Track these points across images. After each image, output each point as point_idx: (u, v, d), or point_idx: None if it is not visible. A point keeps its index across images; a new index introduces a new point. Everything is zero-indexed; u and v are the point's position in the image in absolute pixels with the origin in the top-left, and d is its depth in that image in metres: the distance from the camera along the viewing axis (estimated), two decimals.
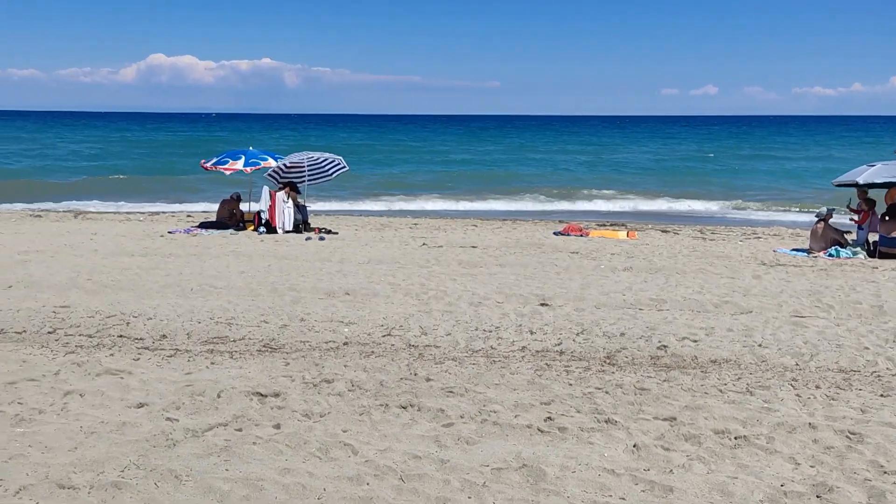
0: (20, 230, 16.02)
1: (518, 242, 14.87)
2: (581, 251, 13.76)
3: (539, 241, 15.18)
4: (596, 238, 15.79)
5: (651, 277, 11.16)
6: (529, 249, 13.94)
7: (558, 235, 16.14)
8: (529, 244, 14.62)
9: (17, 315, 8.36)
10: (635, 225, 19.15)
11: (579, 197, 28.67)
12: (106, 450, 4.68)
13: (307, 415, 5.45)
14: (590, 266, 12.13)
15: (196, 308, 8.81)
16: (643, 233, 17.06)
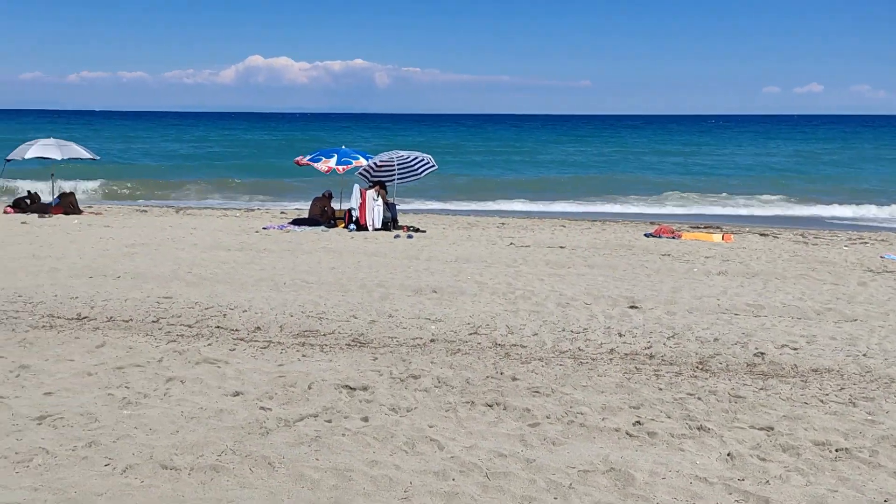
0: (127, 224, 16.90)
1: (607, 243, 14.64)
2: (673, 253, 13.42)
3: (629, 242, 14.90)
4: (689, 240, 15.36)
5: (748, 282, 10.77)
6: (619, 251, 13.70)
7: (649, 237, 15.79)
8: (619, 245, 14.36)
9: (124, 304, 8.81)
10: (731, 227, 18.52)
11: (672, 199, 27.89)
12: (205, 434, 4.88)
13: (394, 409, 5.53)
14: (682, 269, 11.82)
15: (288, 302, 9.07)
16: (740, 236, 16.48)
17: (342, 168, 17.05)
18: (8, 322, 7.82)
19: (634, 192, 29.26)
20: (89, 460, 4.43)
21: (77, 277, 10.34)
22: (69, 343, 7.06)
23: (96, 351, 6.81)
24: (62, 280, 10.13)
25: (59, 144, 19.43)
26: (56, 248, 12.89)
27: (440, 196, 27.11)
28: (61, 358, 6.54)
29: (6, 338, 7.16)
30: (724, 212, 24.76)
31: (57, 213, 18.44)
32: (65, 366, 6.32)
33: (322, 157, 17.19)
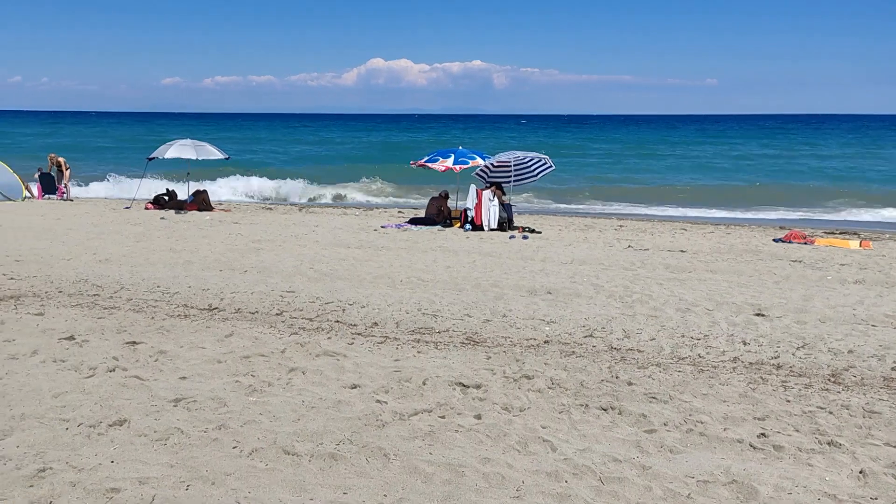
0: (254, 221, 17.74)
1: (732, 248, 14.04)
2: (805, 260, 12.71)
3: (756, 247, 14.23)
4: (822, 247, 14.50)
5: (887, 292, 10.05)
6: (745, 256, 13.12)
7: (778, 242, 15.03)
8: (745, 250, 13.75)
9: (251, 297, 9.25)
10: (870, 234, 17.33)
11: (805, 203, 26.31)
12: (324, 424, 5.05)
13: (507, 408, 5.53)
14: (814, 276, 11.17)
15: (404, 299, 9.24)
16: (879, 243, 15.40)
17: (458, 167, 17.21)
18: (148, 310, 8.38)
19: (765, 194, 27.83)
20: (219, 442, 4.69)
21: (208, 270, 10.94)
22: (201, 332, 7.48)
23: (225, 340, 7.17)
24: (195, 272, 10.75)
25: (195, 145, 20.65)
26: (190, 243, 13.71)
27: (557, 197, 26.86)
28: (194, 345, 6.94)
29: (147, 325, 7.67)
30: (864, 218, 23.16)
31: (191, 210, 19.61)
32: (197, 353, 6.70)
33: (439, 158, 17.42)
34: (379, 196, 27.47)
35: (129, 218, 17.97)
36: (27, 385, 5.62)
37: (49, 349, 6.63)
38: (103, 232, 15.07)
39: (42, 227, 15.65)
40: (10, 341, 6.86)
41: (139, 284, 9.78)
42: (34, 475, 4.10)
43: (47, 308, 8.29)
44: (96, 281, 9.92)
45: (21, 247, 12.64)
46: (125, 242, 13.62)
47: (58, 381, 5.75)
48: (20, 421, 4.89)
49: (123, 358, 6.45)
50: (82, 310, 8.26)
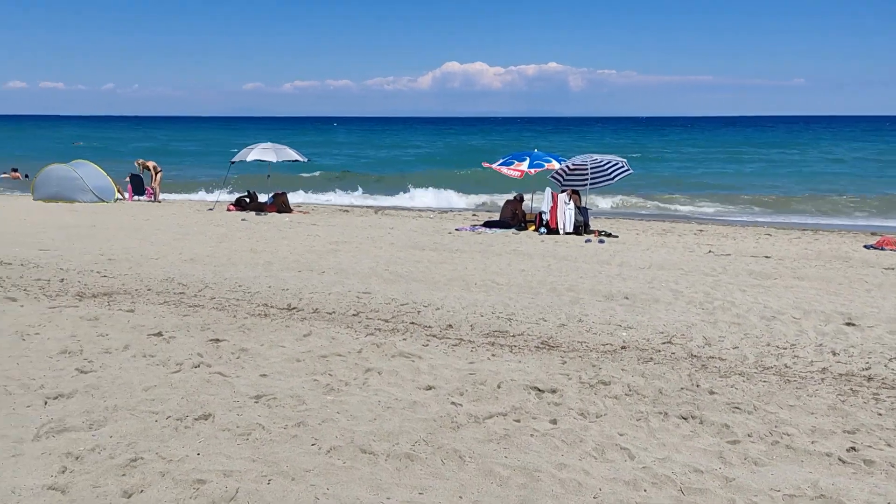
0: (331, 223, 18.07)
1: (820, 255, 13.50)
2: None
3: (846, 253, 13.64)
4: None
5: None
6: (833, 263, 12.59)
7: (870, 249, 14.36)
8: (834, 257, 13.20)
9: (328, 298, 9.42)
10: None
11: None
12: (400, 424, 5.10)
13: (583, 414, 5.46)
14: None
15: (479, 302, 9.24)
16: None
17: (534, 171, 17.12)
18: (230, 308, 8.64)
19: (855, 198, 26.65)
20: (298, 439, 4.79)
21: (287, 271, 11.20)
22: (281, 331, 7.66)
23: (304, 339, 7.33)
24: (275, 273, 11.02)
25: (275, 148, 21.19)
26: (270, 244, 14.07)
27: (634, 200, 26.38)
28: (274, 344, 7.12)
29: (229, 323, 7.91)
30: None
31: (271, 211, 20.13)
32: (277, 351, 6.87)
33: (514, 161, 17.37)
34: (452, 199, 27.56)
35: (213, 219, 18.58)
36: (119, 378, 5.88)
37: (139, 344, 6.92)
38: (188, 233, 15.62)
39: (132, 227, 16.34)
40: (104, 336, 7.18)
41: (222, 284, 10.09)
42: (126, 464, 4.28)
43: (137, 305, 8.64)
44: (182, 280, 10.29)
45: (113, 246, 13.23)
46: (208, 243, 14.08)
47: (147, 375, 5.99)
48: (113, 412, 5.12)
49: (207, 354, 6.66)
50: (169, 307, 8.58)
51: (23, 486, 3.98)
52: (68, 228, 15.73)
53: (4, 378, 5.77)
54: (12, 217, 17.84)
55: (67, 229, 15.55)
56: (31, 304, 8.52)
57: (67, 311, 8.19)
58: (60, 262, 11.48)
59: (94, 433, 4.74)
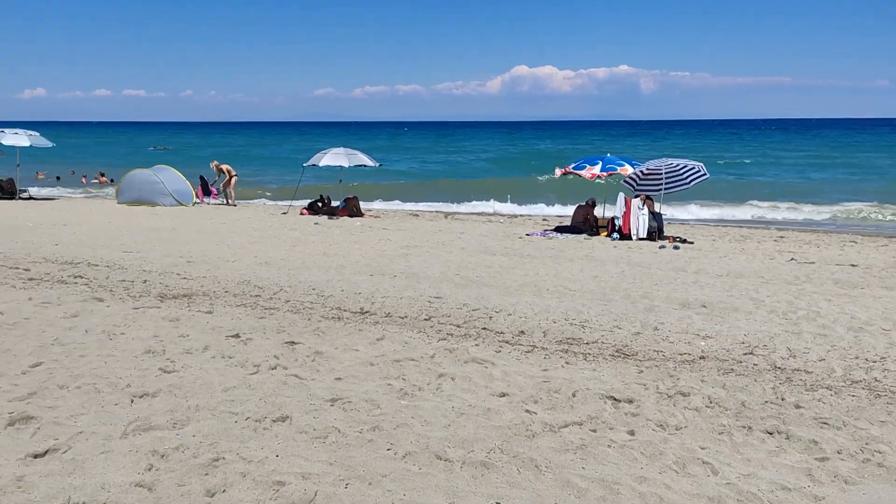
0: (402, 227, 18.21)
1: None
2: None
3: None
4: None
5: None
6: None
7: None
8: None
9: (400, 302, 9.47)
10: None
11: None
12: (474, 431, 5.07)
13: (662, 425, 5.32)
14: None
15: (551, 308, 9.14)
16: None
17: (606, 175, 16.87)
18: (305, 312, 8.77)
19: None
20: (374, 443, 4.81)
21: (360, 274, 11.32)
22: (354, 334, 7.73)
23: (377, 343, 7.38)
24: (347, 276, 11.15)
25: (348, 153, 21.51)
26: (342, 247, 14.26)
27: (710, 206, 25.69)
28: (348, 347, 7.18)
29: (304, 326, 8.03)
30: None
31: (343, 215, 20.43)
32: (351, 355, 6.93)
33: (586, 165, 17.15)
34: (523, 203, 27.41)
35: (286, 223, 18.96)
36: (200, 378, 6.03)
37: (218, 345, 7.08)
38: (263, 236, 15.97)
39: (209, 230, 16.82)
40: (185, 337, 7.38)
41: (296, 287, 10.26)
42: (209, 464, 4.38)
43: (216, 307, 8.86)
44: (258, 282, 10.51)
45: (192, 249, 13.63)
46: (283, 246, 14.36)
47: (226, 376, 6.12)
48: (195, 412, 5.24)
49: (283, 357, 6.77)
50: (246, 309, 8.77)
51: (112, 483, 4.11)
52: (150, 231, 16.30)
53: (94, 376, 6.00)
54: (99, 220, 18.59)
55: (149, 232, 16.12)
56: (117, 304, 8.84)
57: (150, 311, 8.46)
58: (143, 263, 11.89)
59: (177, 432, 4.86)
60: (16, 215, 19.40)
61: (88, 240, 14.65)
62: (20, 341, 7.03)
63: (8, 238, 14.63)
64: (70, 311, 8.36)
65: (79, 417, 5.08)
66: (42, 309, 8.42)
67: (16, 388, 5.64)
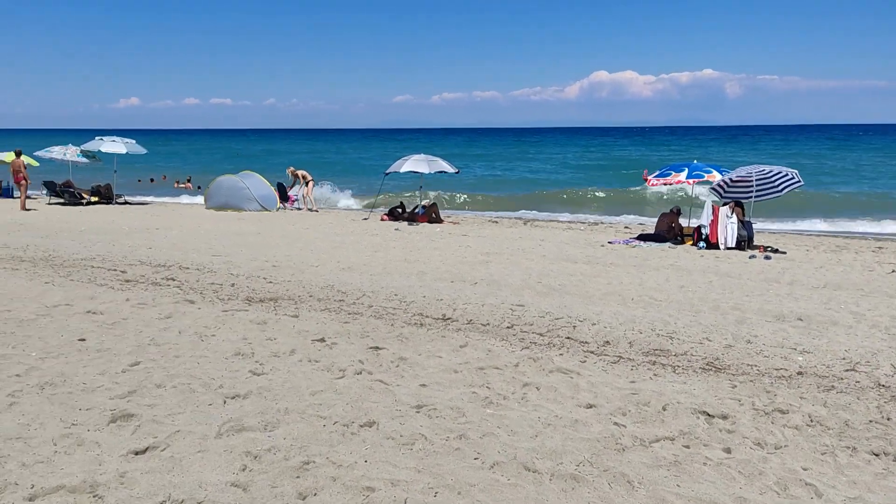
0: (481, 234, 18.18)
1: None
2: None
3: None
4: None
5: None
6: None
7: None
8: None
9: (482, 309, 9.42)
10: None
11: None
12: (562, 443, 4.97)
13: (760, 444, 5.09)
14: None
15: (637, 318, 8.92)
16: None
17: (692, 182, 16.41)
18: (387, 317, 8.83)
19: None
20: (461, 452, 4.77)
21: (440, 281, 11.33)
22: (437, 341, 7.73)
23: (460, 350, 7.35)
24: (428, 282, 11.18)
25: (428, 160, 21.65)
26: (422, 254, 14.33)
27: (803, 214, 24.66)
28: (432, 354, 7.18)
29: (387, 331, 8.08)
30: None
31: (422, 222, 20.55)
32: (434, 361, 6.93)
33: (672, 172, 16.73)
34: (604, 211, 27.00)
35: (367, 228, 19.20)
36: (288, 382, 6.13)
37: (304, 349, 7.20)
38: (345, 241, 16.22)
39: (293, 235, 17.20)
40: (272, 340, 7.53)
41: (378, 292, 10.35)
42: (300, 467, 4.43)
43: (301, 311, 9.02)
44: (341, 287, 10.66)
45: (277, 253, 13.95)
46: (364, 252, 14.54)
47: (314, 380, 6.21)
48: (285, 414, 5.33)
49: (368, 362, 6.82)
50: (330, 314, 8.90)
51: (208, 481, 4.21)
52: (236, 236, 16.78)
53: (188, 376, 6.18)
54: (189, 224, 19.28)
55: (236, 236, 16.60)
56: (207, 306, 9.10)
57: (238, 314, 8.68)
58: (231, 267, 12.24)
59: (269, 434, 4.95)
60: (112, 219, 20.32)
61: (179, 243, 15.20)
62: (119, 340, 7.32)
63: (106, 241, 15.33)
64: (164, 312, 8.66)
65: (176, 416, 5.24)
66: (138, 310, 8.76)
67: (117, 386, 5.86)
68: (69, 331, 7.68)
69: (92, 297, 9.48)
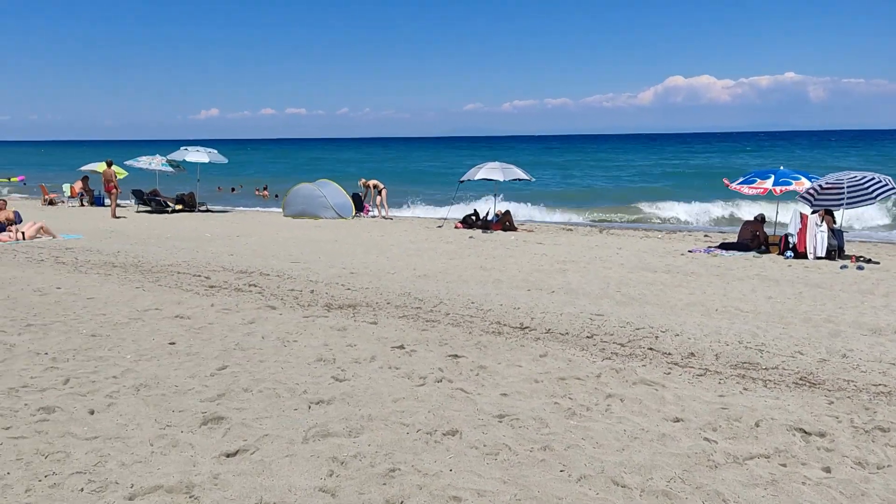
0: (557, 242, 17.99)
1: None
2: None
3: None
4: None
5: None
6: None
7: None
8: None
9: (560, 318, 9.30)
10: None
11: None
12: (650, 457, 4.83)
13: (861, 463, 4.84)
14: None
15: (722, 329, 8.65)
16: None
17: (779, 189, 15.85)
18: (465, 325, 8.81)
19: None
20: (546, 463, 4.70)
21: (517, 289, 11.25)
22: (516, 350, 7.66)
23: (540, 360, 7.26)
24: (505, 291, 11.12)
25: (503, 167, 21.59)
26: (498, 261, 14.27)
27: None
28: (511, 363, 7.12)
29: (465, 339, 8.06)
30: None
31: (496, 229, 20.50)
32: (514, 370, 6.86)
33: (757, 179, 16.20)
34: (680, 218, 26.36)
35: (442, 236, 19.27)
36: (370, 388, 6.17)
37: (384, 356, 7.24)
38: (420, 249, 16.30)
39: (369, 243, 17.40)
40: (353, 346, 7.61)
41: (455, 300, 10.34)
42: (386, 474, 4.44)
43: (379, 317, 9.09)
44: (418, 295, 10.70)
45: (353, 260, 14.14)
46: (440, 259, 14.57)
47: (395, 387, 6.23)
48: (368, 421, 5.36)
49: (447, 370, 6.81)
50: (408, 321, 8.93)
51: (298, 486, 4.26)
52: (314, 243, 17.09)
53: (273, 381, 6.30)
54: (267, 232, 19.75)
55: (313, 244, 16.90)
56: (288, 312, 9.28)
57: (319, 320, 8.81)
58: (309, 274, 12.45)
59: (354, 440, 4.98)
60: (196, 227, 21.00)
61: (259, 250, 15.58)
62: (206, 345, 7.53)
63: (191, 248, 15.84)
64: (247, 317, 8.87)
65: (263, 420, 5.33)
66: (223, 315, 9.00)
67: (206, 389, 6.02)
68: (160, 334, 7.95)
69: (179, 301, 9.79)
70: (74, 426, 5.17)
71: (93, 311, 9.14)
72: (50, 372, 6.50)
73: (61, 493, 4.14)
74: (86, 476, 4.34)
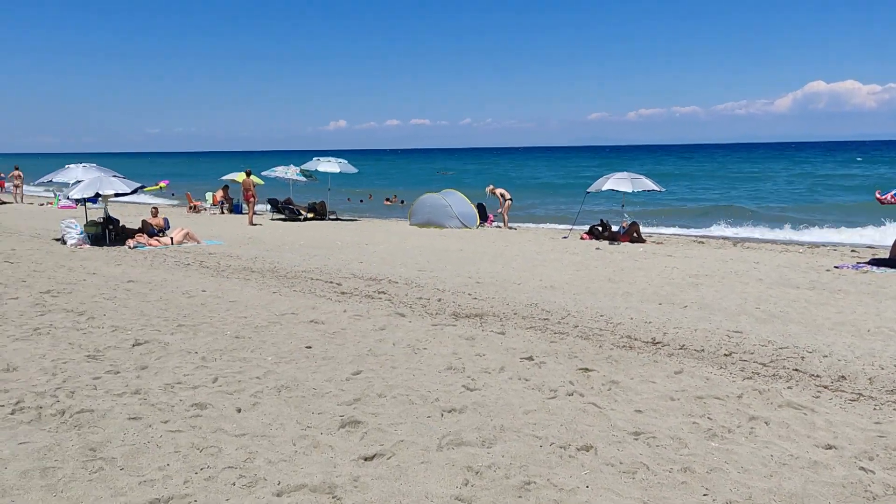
0: (688, 254, 17.35)
1: None
2: None
3: None
4: None
5: None
6: None
7: None
8: None
9: (694, 334, 8.95)
10: None
11: None
12: (802, 486, 4.55)
13: None
14: None
15: (876, 351, 8.05)
16: None
17: None
18: (594, 338, 8.65)
19: None
20: (688, 486, 4.52)
21: (647, 303, 10.93)
22: (649, 365, 7.43)
23: (675, 377, 7.01)
24: (634, 304, 10.83)
25: (631, 178, 21.09)
26: (626, 274, 13.92)
27: None
28: (645, 379, 6.91)
29: (595, 353, 7.90)
30: None
31: (624, 241, 20.03)
32: (648, 387, 6.66)
33: None
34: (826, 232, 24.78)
35: (567, 247, 19.03)
36: (501, 399, 6.16)
37: (513, 367, 7.21)
38: (545, 259, 16.16)
39: (494, 252, 17.42)
40: (481, 356, 7.63)
41: (583, 312, 10.17)
42: (521, 486, 4.41)
43: (507, 328, 9.08)
44: (545, 306, 10.60)
45: (479, 270, 14.20)
46: (566, 270, 14.39)
47: (525, 399, 6.19)
48: (500, 432, 5.35)
49: (578, 383, 6.70)
50: (536, 332, 8.86)
51: (433, 493, 4.31)
52: (440, 252, 17.31)
53: (406, 388, 6.41)
54: (395, 240, 20.20)
55: (439, 253, 17.12)
56: (417, 320, 9.43)
57: (447, 329, 8.90)
58: (436, 282, 12.61)
59: (487, 450, 4.98)
60: (326, 235, 21.79)
61: (388, 258, 15.95)
62: (341, 350, 7.77)
63: (322, 255, 16.44)
64: (378, 324, 9.09)
65: (398, 426, 5.44)
66: (355, 321, 9.26)
67: (343, 393, 6.21)
68: (297, 338, 8.28)
69: (314, 307, 10.17)
70: (224, 423, 5.46)
71: (235, 313, 9.65)
72: (200, 370, 6.91)
73: (216, 486, 4.38)
74: (237, 471, 4.57)
